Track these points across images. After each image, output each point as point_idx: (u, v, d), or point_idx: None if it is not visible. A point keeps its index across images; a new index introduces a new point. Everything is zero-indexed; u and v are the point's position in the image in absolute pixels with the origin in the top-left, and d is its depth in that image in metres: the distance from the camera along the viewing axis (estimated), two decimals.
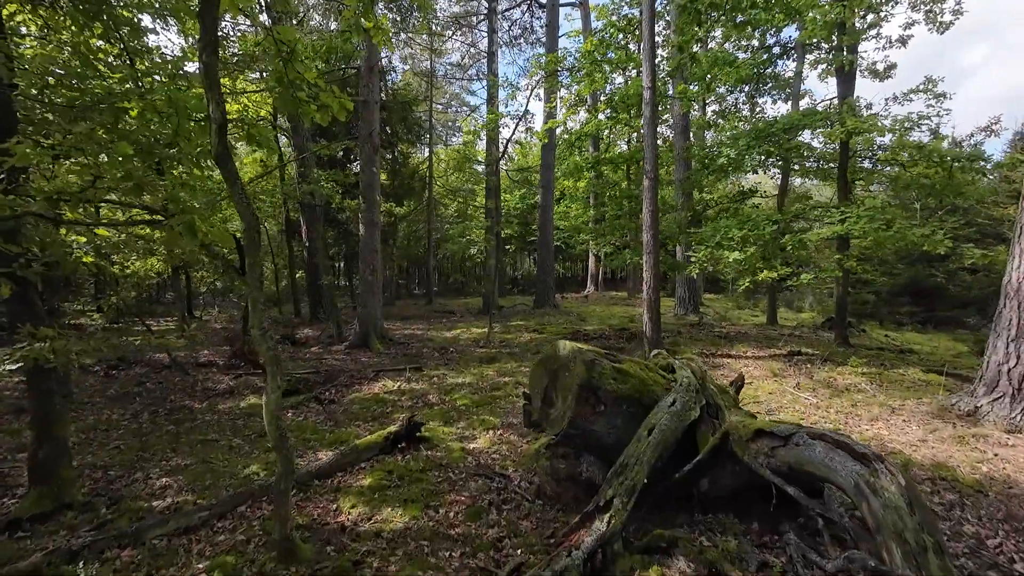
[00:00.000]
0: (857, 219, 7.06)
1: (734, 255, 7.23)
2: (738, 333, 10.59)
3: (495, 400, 6.53)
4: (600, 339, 10.54)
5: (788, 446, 3.07)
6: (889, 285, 15.33)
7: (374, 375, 8.20)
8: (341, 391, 7.32)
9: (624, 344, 9.80)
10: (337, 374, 8.17)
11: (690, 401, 3.61)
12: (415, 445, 4.80)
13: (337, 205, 10.79)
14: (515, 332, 12.24)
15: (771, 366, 7.36)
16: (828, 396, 5.94)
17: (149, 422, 5.89)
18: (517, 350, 9.86)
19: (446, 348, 10.28)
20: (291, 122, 10.19)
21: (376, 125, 10.30)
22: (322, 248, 10.91)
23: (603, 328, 12.18)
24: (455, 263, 33.87)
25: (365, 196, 10.34)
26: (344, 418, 6.01)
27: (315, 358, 9.57)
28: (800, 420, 5.31)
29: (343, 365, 8.95)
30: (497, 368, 8.37)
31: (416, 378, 7.95)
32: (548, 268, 16.59)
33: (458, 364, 8.86)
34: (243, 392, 7.30)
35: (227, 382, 7.87)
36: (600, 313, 15.83)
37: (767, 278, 7.31)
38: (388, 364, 8.99)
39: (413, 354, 9.81)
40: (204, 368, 8.74)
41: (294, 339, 11.28)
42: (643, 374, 3.80)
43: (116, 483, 4.19)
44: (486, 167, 14.99)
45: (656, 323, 8.09)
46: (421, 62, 23.34)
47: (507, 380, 7.53)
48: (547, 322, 13.77)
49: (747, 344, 9.17)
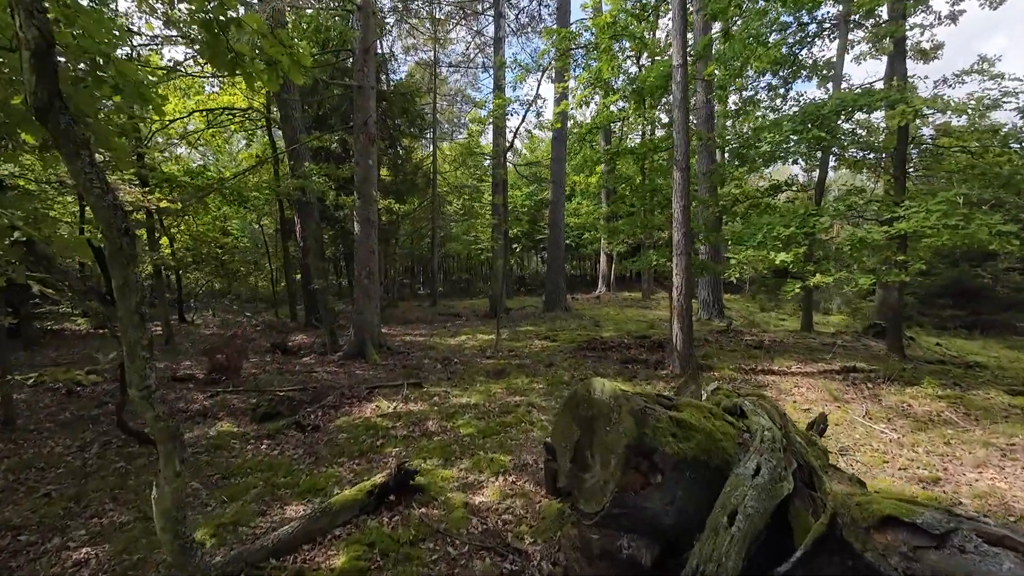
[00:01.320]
0: (928, 214, 6.00)
1: (780, 256, 6.20)
2: (773, 342, 9.54)
3: (505, 428, 5.56)
4: (619, 349, 9.54)
5: (945, 550, 2.08)
6: (927, 286, 14.18)
7: (368, 393, 7.26)
8: (328, 414, 6.39)
9: (648, 355, 8.80)
10: (326, 391, 7.24)
11: (778, 466, 2.62)
12: (407, 499, 3.84)
13: (332, 202, 9.90)
14: (524, 339, 11.26)
15: (827, 387, 6.33)
16: (909, 429, 4.91)
17: (97, 457, 4.99)
18: (528, 361, 8.89)
19: (449, 359, 9.33)
20: (282, 111, 9.28)
21: (372, 113, 9.34)
22: (315, 248, 10.00)
23: (621, 335, 11.16)
24: (460, 262, 32.94)
25: (360, 191, 9.40)
26: (327, 452, 5.07)
27: (305, 370, 8.66)
28: (883, 462, 4.30)
29: (334, 380, 8.02)
30: (506, 385, 7.40)
31: (415, 396, 7.00)
32: (559, 269, 15.60)
33: (462, 379, 7.91)
34: (216, 414, 6.39)
35: (202, 401, 6.96)
36: (615, 317, 14.81)
37: (821, 283, 6.28)
38: (384, 378, 8.05)
39: (413, 366, 8.87)
40: (180, 383, 7.84)
41: (285, 347, 10.38)
42: (708, 424, 2.80)
43: (21, 556, 3.28)
44: (492, 159, 13.98)
45: (688, 334, 7.09)
46: (424, 52, 22.38)
47: (518, 401, 6.56)
48: (559, 327, 12.78)
49: (789, 357, 8.13)
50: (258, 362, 9.47)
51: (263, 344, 11.07)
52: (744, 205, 10.15)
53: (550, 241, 15.80)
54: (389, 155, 16.47)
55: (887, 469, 4.18)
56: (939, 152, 7.72)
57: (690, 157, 10.86)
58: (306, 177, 8.98)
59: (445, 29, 21.74)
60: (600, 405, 2.72)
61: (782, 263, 6.25)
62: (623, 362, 8.34)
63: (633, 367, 8.00)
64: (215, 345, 8.28)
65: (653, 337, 10.49)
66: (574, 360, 8.79)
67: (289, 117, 9.11)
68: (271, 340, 11.31)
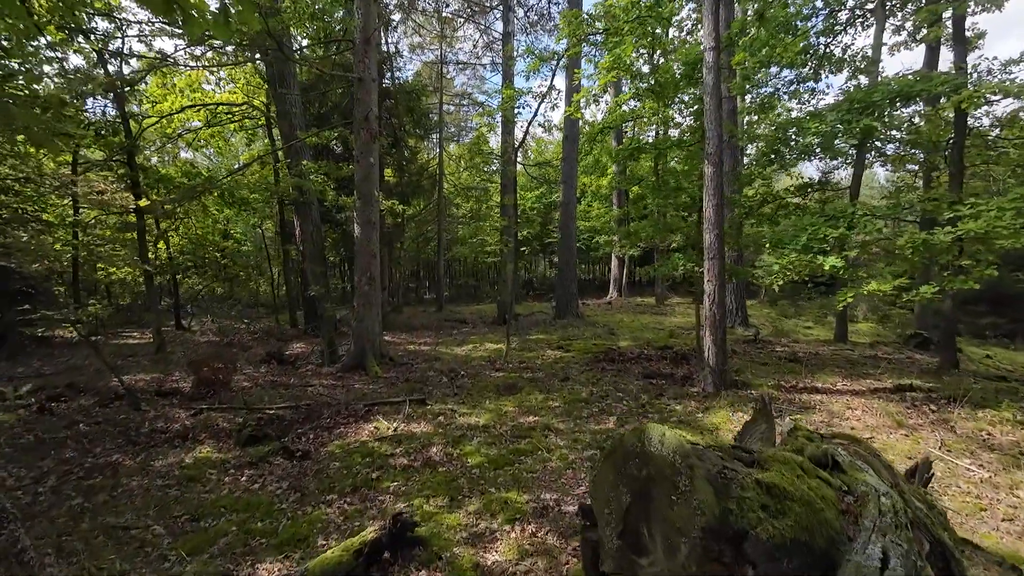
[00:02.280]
0: (1000, 212, 5.26)
1: (830, 261, 5.47)
2: (808, 355, 8.77)
3: (519, 457, 4.86)
4: (640, 360, 8.82)
5: None
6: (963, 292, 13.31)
7: (366, 411, 6.59)
8: (320, 436, 5.72)
9: (672, 369, 8.06)
10: (320, 409, 6.59)
11: (910, 552, 1.89)
12: (404, 557, 3.15)
13: (332, 202, 9.30)
14: (536, 349, 10.56)
15: (884, 409, 5.57)
16: (1001, 466, 4.16)
17: (51, 492, 4.35)
18: (541, 374, 8.19)
19: (456, 371, 8.64)
20: (279, 106, 8.69)
21: (374, 108, 8.72)
22: (313, 252, 9.38)
23: (640, 345, 10.43)
24: (467, 266, 32.32)
25: (360, 191, 8.77)
26: (315, 486, 4.40)
27: (300, 384, 8.01)
28: (979, 510, 3.56)
29: (330, 395, 7.37)
30: (518, 402, 6.70)
31: (418, 416, 6.33)
32: (570, 273, 14.89)
33: (470, 394, 7.22)
34: (198, 436, 5.74)
35: (183, 420, 6.33)
36: (630, 324, 14.07)
37: (876, 291, 5.53)
38: (385, 394, 7.39)
39: (416, 379, 8.20)
40: (165, 398, 7.22)
41: (282, 357, 9.74)
42: (803, 487, 2.08)
43: None
44: (501, 156, 13.31)
45: (722, 347, 6.35)
46: (431, 51, 21.87)
47: (532, 422, 5.86)
48: (571, 336, 12.06)
49: (831, 372, 7.37)
50: (251, 373, 8.85)
51: (259, 353, 10.46)
52: (772, 206, 9.41)
53: (561, 245, 15.10)
54: (393, 155, 15.88)
55: (987, 520, 3.44)
56: (998, 145, 6.97)
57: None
58: (303, 175, 8.36)
59: (452, 27, 21.22)
60: (660, 463, 2.01)
61: (831, 268, 5.51)
62: (646, 376, 7.62)
63: (658, 382, 7.27)
64: (201, 358, 7.66)
65: (675, 348, 9.75)
66: (591, 373, 8.08)
67: (286, 113, 8.52)
68: (268, 349, 10.70)
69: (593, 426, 5.71)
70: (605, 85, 8.66)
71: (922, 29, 9.65)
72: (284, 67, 11.11)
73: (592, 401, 6.59)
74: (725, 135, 8.67)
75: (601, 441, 5.16)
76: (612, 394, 6.84)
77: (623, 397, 6.69)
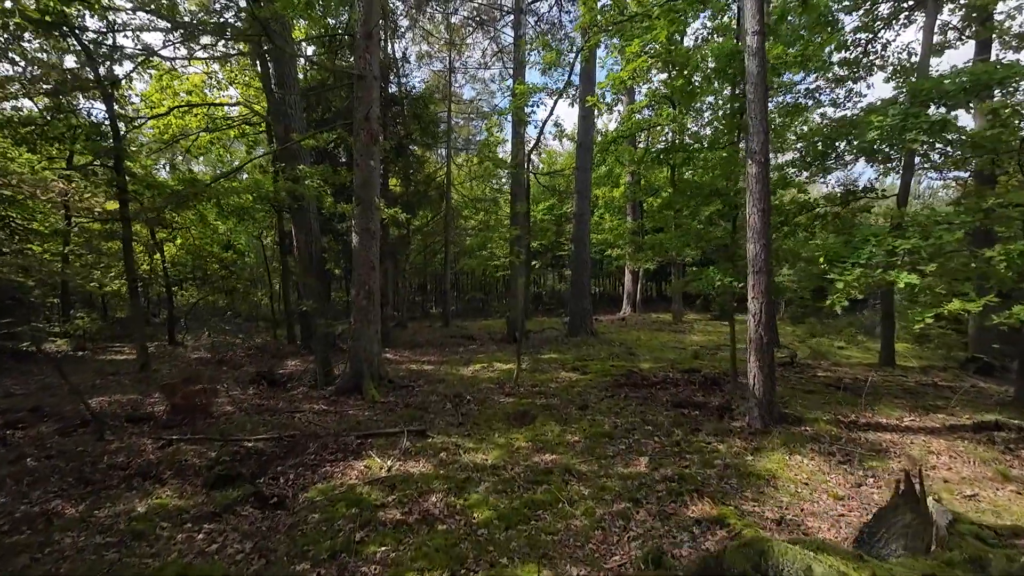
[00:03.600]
0: None
1: (905, 278, 4.60)
2: (855, 380, 7.83)
3: (535, 512, 4.00)
4: (665, 385, 7.92)
5: None
6: None
7: (358, 443, 5.76)
8: (302, 477, 4.89)
9: (703, 396, 7.16)
10: (306, 442, 5.77)
11: None
12: None
13: (329, 209, 8.61)
14: (549, 370, 9.70)
15: (976, 454, 4.64)
16: None
17: None
18: (556, 401, 7.32)
19: (461, 395, 7.80)
20: (271, 106, 8.07)
21: (375, 107, 8.05)
22: (310, 262, 8.66)
23: (663, 367, 9.53)
24: (475, 279, 31.60)
25: (360, 197, 8.06)
26: (285, 550, 3.56)
27: (288, 410, 7.20)
28: None
29: (320, 423, 6.55)
30: (532, 435, 5.83)
31: (417, 451, 5.49)
32: (584, 288, 14.05)
33: (477, 424, 6.37)
34: (161, 476, 4.94)
35: (149, 453, 5.53)
36: (648, 343, 13.16)
37: (957, 311, 4.65)
38: (382, 422, 6.56)
39: (418, 405, 7.36)
40: (136, 425, 6.45)
41: (272, 377, 8.96)
42: None
43: None
44: (512, 160, 12.56)
45: (770, 375, 5.47)
46: (440, 60, 21.46)
47: (549, 463, 4.99)
48: (587, 355, 11.18)
49: (891, 404, 6.42)
50: (237, 396, 8.07)
51: (251, 372, 9.70)
52: (807, 215, 8.55)
53: (574, 258, 14.29)
54: (399, 164, 15.26)
55: None
56: None
57: (735, 168, 9.36)
58: (297, 180, 7.67)
59: (461, 36, 20.80)
60: None
61: (907, 286, 4.64)
62: (676, 405, 6.72)
63: (691, 413, 6.37)
64: (176, 380, 6.89)
65: (703, 371, 8.84)
66: (613, 401, 7.20)
67: (284, 114, 7.88)
68: (260, 368, 9.93)
69: (621, 468, 4.83)
70: (633, 71, 7.85)
71: (971, 25, 8.85)
72: (284, 68, 10.55)
73: (617, 436, 5.71)
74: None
75: (634, 490, 4.28)
76: (639, 427, 5.95)
77: (653, 431, 5.80)
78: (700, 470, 4.64)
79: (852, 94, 9.87)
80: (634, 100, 20.53)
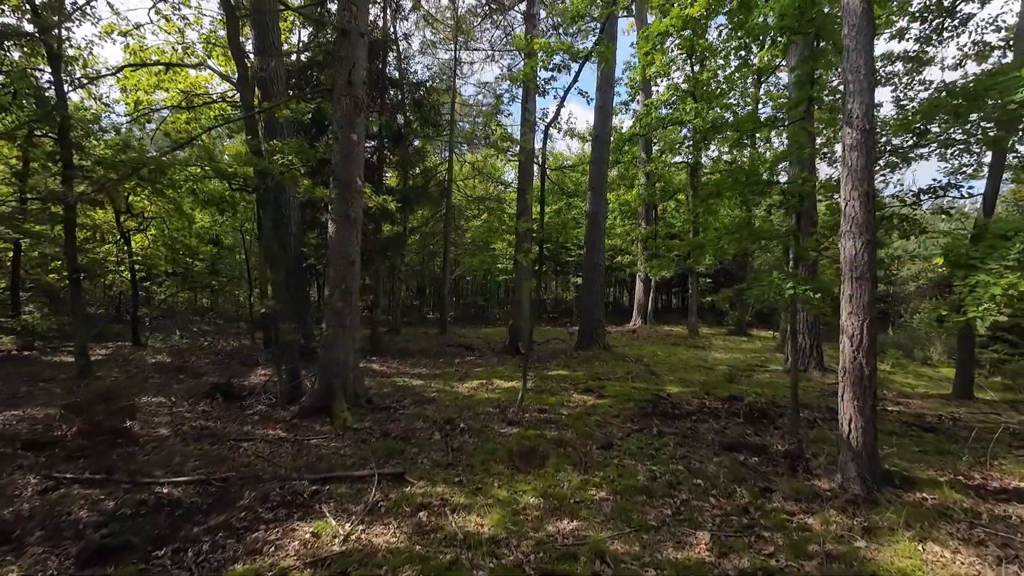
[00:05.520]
0: None
1: None
2: (941, 419, 6.36)
3: None
4: (705, 417, 6.47)
5: None
6: None
7: (312, 490, 4.32)
8: (220, 551, 3.45)
9: (756, 433, 5.71)
10: (242, 489, 4.32)
11: None
12: None
13: (306, 193, 7.21)
14: (558, 390, 8.26)
15: None
16: None
17: None
18: (570, 434, 5.88)
19: (454, 422, 6.37)
20: (241, 70, 6.73)
21: (360, 69, 6.69)
22: (277, 253, 7.27)
23: (695, 392, 8.07)
24: (476, 283, 30.17)
25: (338, 177, 6.68)
26: None
27: (236, 436, 5.76)
28: None
29: (271, 458, 5.11)
30: (544, 488, 4.39)
31: (389, 506, 4.06)
32: (596, 296, 12.62)
33: (471, 466, 4.93)
34: (24, 538, 3.50)
35: (27, 497, 4.10)
36: (668, 360, 11.70)
37: None
38: (350, 458, 5.12)
39: (399, 433, 5.92)
40: (35, 452, 5.01)
41: (229, 390, 7.52)
42: None
43: None
44: (522, 137, 11.07)
45: (871, 421, 4.03)
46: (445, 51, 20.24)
47: (569, 535, 3.56)
48: (601, 373, 9.74)
49: (1017, 458, 4.96)
50: (183, 413, 6.64)
51: (212, 381, 8.27)
52: None
53: (586, 262, 12.87)
54: (396, 154, 13.91)
55: None
56: None
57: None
58: (259, 152, 6.30)
59: (468, 24, 19.54)
60: None
61: None
62: (727, 448, 5.27)
63: (749, 460, 4.92)
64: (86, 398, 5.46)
65: (745, 399, 7.39)
66: (643, 437, 5.75)
67: (262, 81, 6.54)
68: (221, 378, 8.51)
69: (673, 551, 3.39)
70: (681, 20, 6.43)
71: None
72: (266, 33, 9.22)
73: (657, 493, 4.26)
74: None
75: None
76: (685, 480, 4.50)
77: (705, 488, 4.34)
78: (792, 562, 3.20)
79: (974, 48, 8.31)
80: (651, 96, 19.23)
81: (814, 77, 5.34)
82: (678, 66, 18.04)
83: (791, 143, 5.50)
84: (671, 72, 18.07)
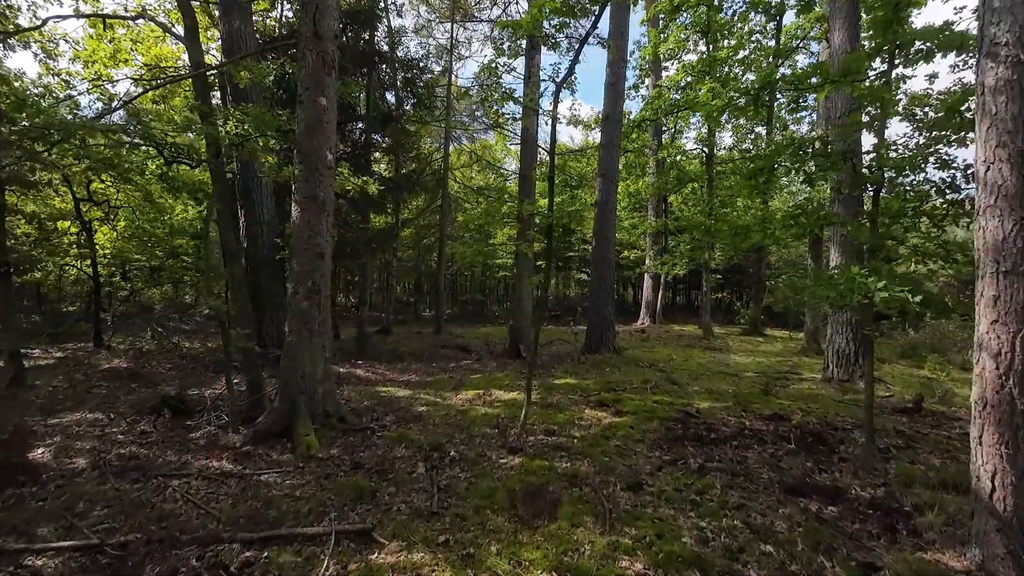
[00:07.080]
0: None
1: None
2: None
3: None
4: (747, 442, 5.31)
5: None
6: None
7: (241, 561, 3.16)
8: None
9: (825, 468, 4.56)
10: (144, 560, 3.16)
11: None
12: None
13: (271, 172, 6.06)
14: (567, 404, 7.11)
15: None
16: None
17: None
18: (585, 466, 4.72)
19: (443, 447, 5.21)
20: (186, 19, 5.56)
21: (330, 19, 5.49)
22: (230, 240, 6.08)
23: (728, 408, 6.90)
24: (473, 278, 28.99)
25: (303, 151, 5.50)
26: None
27: (170, 471, 4.59)
28: None
29: (202, 503, 3.94)
30: (558, 553, 3.23)
31: None
32: (606, 294, 11.45)
33: (462, 514, 3.77)
34: None
35: None
36: (686, 365, 10.54)
37: None
38: (306, 504, 3.96)
39: (373, 466, 4.76)
40: None
41: (180, 405, 6.35)
42: None
43: None
44: (526, 95, 9.83)
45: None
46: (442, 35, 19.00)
47: None
48: (614, 382, 8.58)
49: None
50: (116, 435, 5.49)
51: (166, 391, 7.11)
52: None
53: (595, 256, 11.69)
54: (388, 134, 12.70)
55: None
56: None
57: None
58: (205, 116, 5.12)
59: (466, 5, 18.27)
60: None
61: None
62: (790, 491, 4.11)
63: (826, 512, 3.77)
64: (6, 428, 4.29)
65: (791, 416, 6.23)
66: (679, 474, 4.58)
67: (195, 31, 5.40)
68: (173, 388, 7.35)
69: None
70: None
71: None
72: None
73: (713, 566, 3.10)
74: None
75: None
76: (749, 546, 3.34)
77: (783, 561, 3.18)
78: None
79: None
80: (660, 78, 18.00)
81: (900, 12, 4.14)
82: (690, 48, 16.80)
83: (869, 102, 4.31)
84: (682, 54, 16.81)
